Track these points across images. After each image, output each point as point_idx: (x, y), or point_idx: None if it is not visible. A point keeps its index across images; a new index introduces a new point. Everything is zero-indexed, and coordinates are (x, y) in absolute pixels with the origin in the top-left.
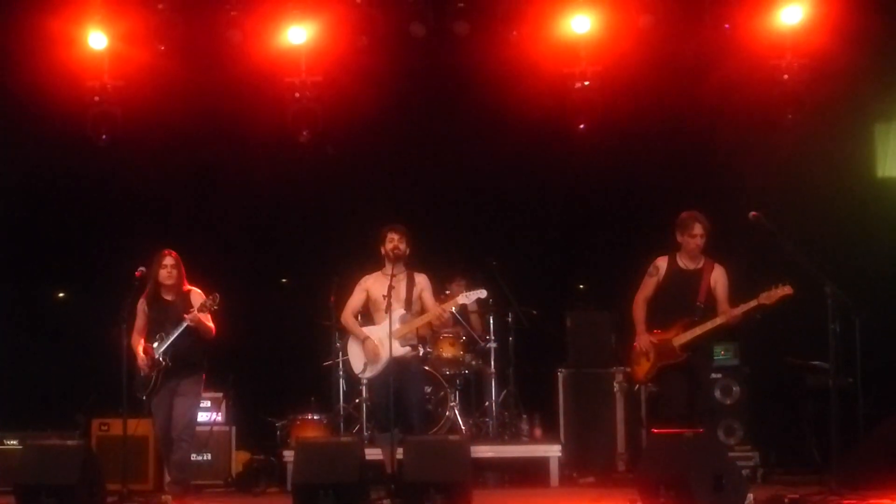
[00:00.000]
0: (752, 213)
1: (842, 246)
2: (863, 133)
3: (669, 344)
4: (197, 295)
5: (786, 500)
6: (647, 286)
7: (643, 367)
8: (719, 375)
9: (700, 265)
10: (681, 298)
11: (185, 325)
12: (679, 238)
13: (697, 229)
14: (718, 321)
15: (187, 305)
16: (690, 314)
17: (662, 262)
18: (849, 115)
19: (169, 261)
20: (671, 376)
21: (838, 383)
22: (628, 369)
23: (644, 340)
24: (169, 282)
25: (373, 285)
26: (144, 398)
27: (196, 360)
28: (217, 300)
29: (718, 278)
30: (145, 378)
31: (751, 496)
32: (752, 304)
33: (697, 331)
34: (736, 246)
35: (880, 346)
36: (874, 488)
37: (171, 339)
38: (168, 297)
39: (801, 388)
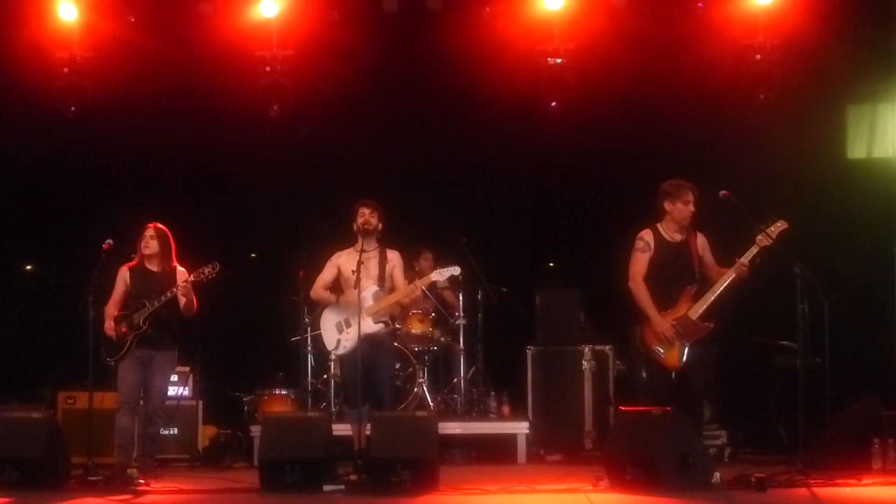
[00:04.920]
0: (723, 192)
1: (811, 227)
2: (834, 114)
3: (688, 319)
4: (182, 273)
5: (752, 480)
6: (642, 262)
7: (673, 353)
8: None
9: (685, 235)
10: (678, 271)
11: (170, 294)
12: (668, 207)
13: (691, 196)
14: (728, 279)
15: (172, 278)
16: (691, 284)
17: (649, 237)
18: (821, 96)
19: (148, 232)
20: (699, 352)
21: (806, 364)
22: (656, 357)
23: (664, 325)
24: (146, 251)
25: (345, 261)
26: (113, 362)
27: (173, 334)
28: (216, 269)
29: (704, 244)
30: (119, 341)
31: (717, 475)
32: (754, 249)
33: (710, 296)
34: (706, 224)
35: (848, 327)
36: (841, 468)
37: (155, 307)
38: (153, 269)
39: (769, 368)
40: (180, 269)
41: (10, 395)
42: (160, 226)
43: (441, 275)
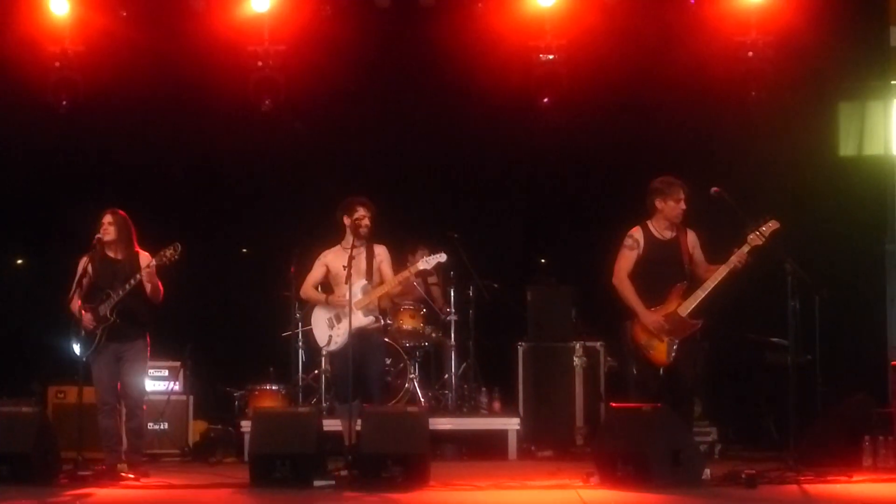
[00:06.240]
0: (714, 188)
1: (802, 223)
2: (826, 112)
3: (678, 316)
4: (145, 257)
5: (743, 476)
6: (628, 260)
7: (661, 349)
8: None
9: (675, 233)
10: (668, 267)
11: (134, 281)
12: (660, 204)
13: (682, 194)
14: (720, 276)
15: (135, 265)
16: (681, 281)
17: (639, 234)
18: (812, 93)
19: (106, 217)
20: (689, 348)
21: (797, 360)
22: (645, 353)
23: (653, 319)
24: (105, 237)
25: (333, 259)
26: (85, 359)
27: (142, 322)
28: (178, 250)
29: (694, 242)
30: (88, 335)
31: (708, 471)
32: (746, 248)
33: (701, 293)
34: (696, 221)
35: (839, 324)
36: (831, 465)
37: (120, 296)
38: (114, 255)
39: (760, 365)
40: (143, 252)
41: (0, 389)
42: (119, 211)
43: (428, 263)
